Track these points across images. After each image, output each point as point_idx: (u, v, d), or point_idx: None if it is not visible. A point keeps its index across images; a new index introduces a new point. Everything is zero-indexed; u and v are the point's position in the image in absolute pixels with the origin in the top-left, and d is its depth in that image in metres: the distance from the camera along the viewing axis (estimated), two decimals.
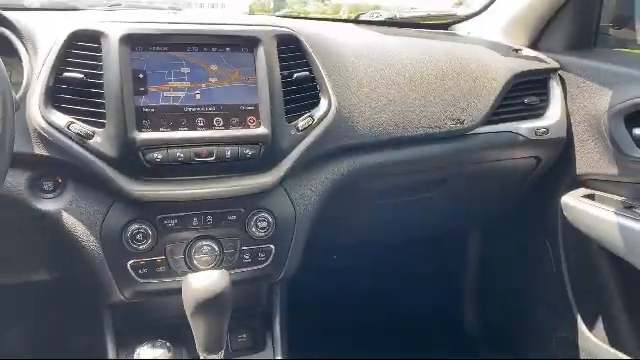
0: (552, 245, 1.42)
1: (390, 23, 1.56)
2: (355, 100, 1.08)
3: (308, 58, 1.02)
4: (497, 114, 1.24)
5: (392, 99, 1.12)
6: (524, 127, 1.26)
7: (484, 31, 1.51)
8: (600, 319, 1.35)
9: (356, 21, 1.52)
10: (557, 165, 1.34)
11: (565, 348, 1.42)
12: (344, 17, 1.63)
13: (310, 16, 1.56)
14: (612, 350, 1.31)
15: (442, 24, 1.59)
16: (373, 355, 1.56)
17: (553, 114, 1.29)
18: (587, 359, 1.36)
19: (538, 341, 1.53)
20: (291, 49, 1.00)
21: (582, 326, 1.37)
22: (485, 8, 1.51)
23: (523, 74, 1.27)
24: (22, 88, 0.89)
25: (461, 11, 1.61)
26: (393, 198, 1.27)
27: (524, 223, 1.52)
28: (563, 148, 1.31)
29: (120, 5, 1.48)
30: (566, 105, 1.31)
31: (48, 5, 1.27)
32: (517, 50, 1.37)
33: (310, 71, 1.01)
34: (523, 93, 1.29)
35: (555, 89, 1.31)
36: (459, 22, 1.57)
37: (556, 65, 1.32)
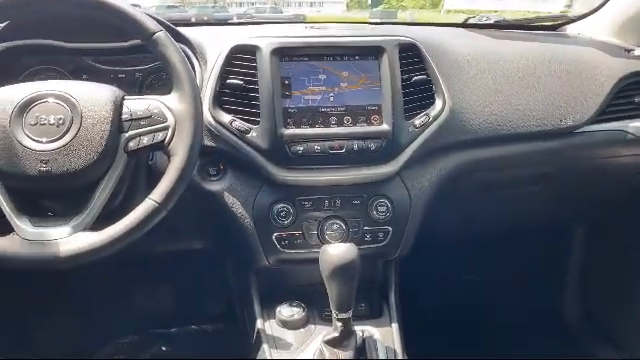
0: None
1: (499, 26, 1.64)
2: (467, 99, 1.20)
3: (425, 63, 1.15)
4: (605, 113, 1.29)
5: (502, 98, 1.22)
6: (632, 125, 1.30)
7: (595, 31, 1.53)
8: None
9: (466, 25, 1.62)
10: None
11: None
12: (454, 21, 1.72)
13: (424, 21, 1.68)
14: None
15: (551, 25, 1.64)
16: (472, 342, 1.65)
17: None
18: None
19: None
20: (411, 55, 1.14)
21: None
22: (598, 9, 1.53)
23: (634, 74, 1.30)
24: None
25: (571, 12, 1.64)
26: (499, 190, 1.37)
27: (630, 220, 1.53)
28: None
29: (252, 16, 1.73)
30: None
31: (206, 20, 1.53)
32: (629, 50, 1.40)
33: (427, 74, 1.15)
34: (634, 92, 1.32)
35: None
36: (569, 23, 1.60)
37: None
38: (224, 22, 1.63)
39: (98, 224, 0.87)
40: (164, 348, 1.66)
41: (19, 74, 1.16)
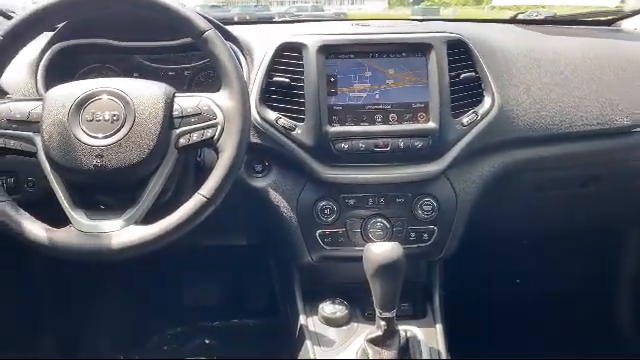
0: None
1: (550, 21, 1.59)
2: (517, 98, 1.17)
3: (474, 60, 1.13)
4: None
5: (554, 96, 1.18)
6: None
7: None
8: None
9: (515, 21, 1.58)
10: None
11: None
12: (503, 17, 1.68)
13: (473, 18, 1.65)
14: None
15: (605, 21, 1.57)
16: (516, 343, 1.61)
17: None
18: None
19: None
20: (459, 52, 1.12)
21: None
22: None
23: None
24: None
25: (627, 7, 1.57)
26: (548, 191, 1.33)
27: None
28: None
29: (294, 15, 1.75)
30: None
31: (248, 19, 1.55)
32: None
33: (475, 72, 1.12)
34: None
35: None
36: (624, 18, 1.54)
37: None
38: (266, 21, 1.64)
39: (148, 218, 0.89)
40: (207, 341, 1.70)
41: (75, 72, 1.20)
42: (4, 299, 1.41)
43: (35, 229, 0.87)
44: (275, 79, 1.09)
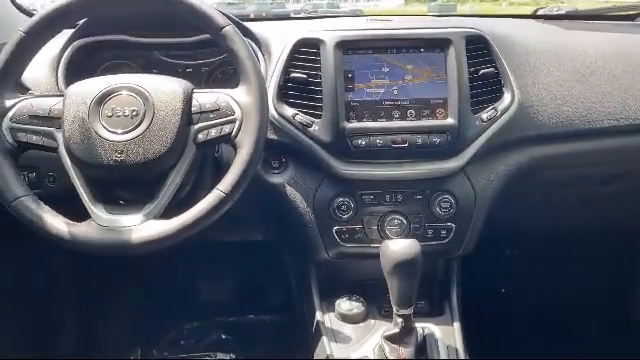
0: None
1: (571, 16, 1.56)
2: (538, 93, 1.15)
3: (493, 55, 1.11)
4: None
5: (575, 93, 1.16)
6: None
7: None
8: None
9: (535, 16, 1.55)
10: None
11: None
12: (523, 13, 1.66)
13: (492, 13, 1.63)
14: None
15: (628, 15, 1.54)
16: (535, 342, 1.59)
17: None
18: None
19: None
20: (478, 48, 1.10)
21: None
22: None
23: None
24: None
25: None
26: (568, 189, 1.31)
27: None
28: None
29: (309, 12, 1.75)
30: None
31: (264, 16, 1.55)
32: None
33: (495, 67, 1.11)
34: None
35: None
36: None
37: None
38: (282, 17, 1.64)
39: (167, 213, 0.89)
40: (224, 336, 1.71)
41: (95, 69, 1.21)
42: (23, 297, 1.43)
43: (56, 223, 0.88)
44: (292, 75, 1.09)
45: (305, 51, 1.10)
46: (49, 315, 1.53)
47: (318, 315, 1.14)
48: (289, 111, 1.08)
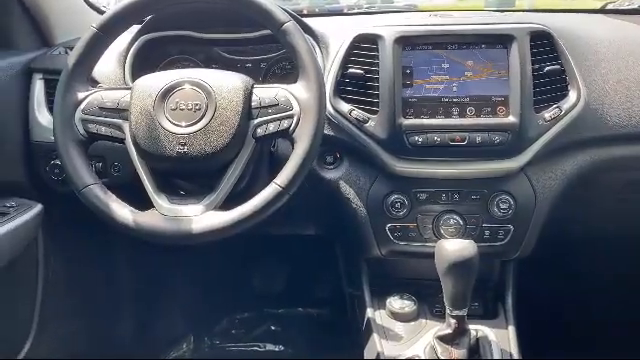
0: None
1: None
2: (605, 92, 1.10)
3: (559, 52, 1.07)
4: None
5: None
6: None
7: None
8: None
9: (604, 11, 1.48)
10: None
11: None
12: (591, 7, 1.58)
13: (558, 8, 1.56)
14: None
15: None
16: (589, 346, 1.53)
17: None
18: None
19: None
20: (543, 44, 1.07)
21: None
22: None
23: None
24: None
25: None
26: (633, 192, 1.24)
27: None
28: None
29: (363, 7, 1.73)
30: None
31: (317, 12, 1.55)
32: None
33: (560, 64, 1.07)
34: None
35: None
36: None
37: None
38: (336, 13, 1.64)
39: (225, 204, 0.92)
40: (273, 327, 1.74)
41: (159, 63, 1.26)
42: (83, 282, 1.49)
43: (122, 212, 0.91)
44: (350, 71, 1.09)
45: (363, 47, 1.09)
46: (108, 302, 1.60)
47: (369, 312, 1.14)
48: (345, 107, 1.08)
